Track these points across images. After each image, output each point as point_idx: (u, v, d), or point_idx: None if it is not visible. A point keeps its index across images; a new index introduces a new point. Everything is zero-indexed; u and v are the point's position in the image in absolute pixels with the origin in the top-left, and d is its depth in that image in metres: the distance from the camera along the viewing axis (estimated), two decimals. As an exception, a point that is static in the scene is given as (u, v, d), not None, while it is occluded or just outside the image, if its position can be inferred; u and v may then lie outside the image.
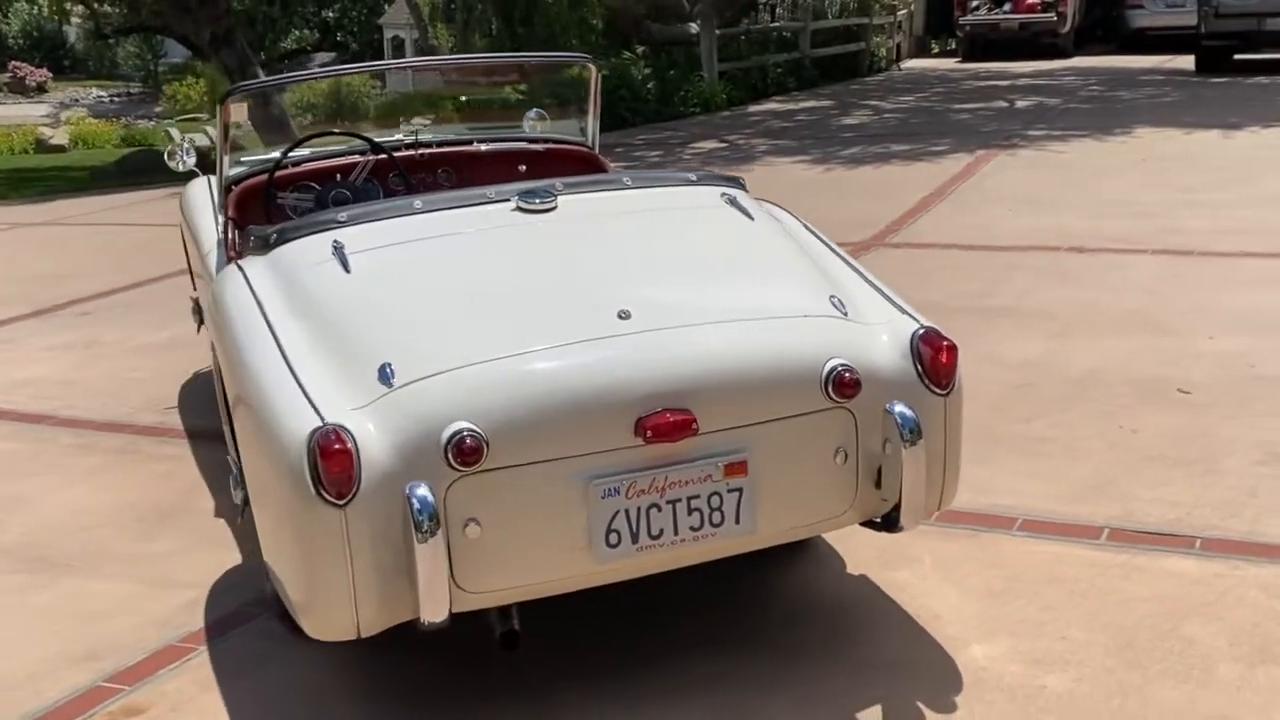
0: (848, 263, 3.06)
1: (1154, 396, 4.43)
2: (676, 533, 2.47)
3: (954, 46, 24.67)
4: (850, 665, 2.79)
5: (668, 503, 2.45)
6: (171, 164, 4.87)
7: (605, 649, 2.90)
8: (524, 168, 4.44)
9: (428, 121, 4.38)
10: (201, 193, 4.85)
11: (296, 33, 29.00)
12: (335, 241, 2.90)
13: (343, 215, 3.03)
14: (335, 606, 2.36)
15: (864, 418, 2.58)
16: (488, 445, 2.33)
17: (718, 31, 16.06)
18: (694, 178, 3.31)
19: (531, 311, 2.62)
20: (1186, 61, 18.63)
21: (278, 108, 16.51)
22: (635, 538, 2.45)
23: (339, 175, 4.21)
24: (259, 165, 4.25)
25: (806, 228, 3.26)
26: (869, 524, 2.74)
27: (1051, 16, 21.93)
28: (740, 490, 2.49)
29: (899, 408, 2.55)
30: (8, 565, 3.63)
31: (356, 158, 4.31)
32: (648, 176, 3.28)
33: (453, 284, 2.75)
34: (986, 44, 22.48)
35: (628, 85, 15.08)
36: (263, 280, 2.90)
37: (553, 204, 3.03)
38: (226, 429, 3.38)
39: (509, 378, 2.42)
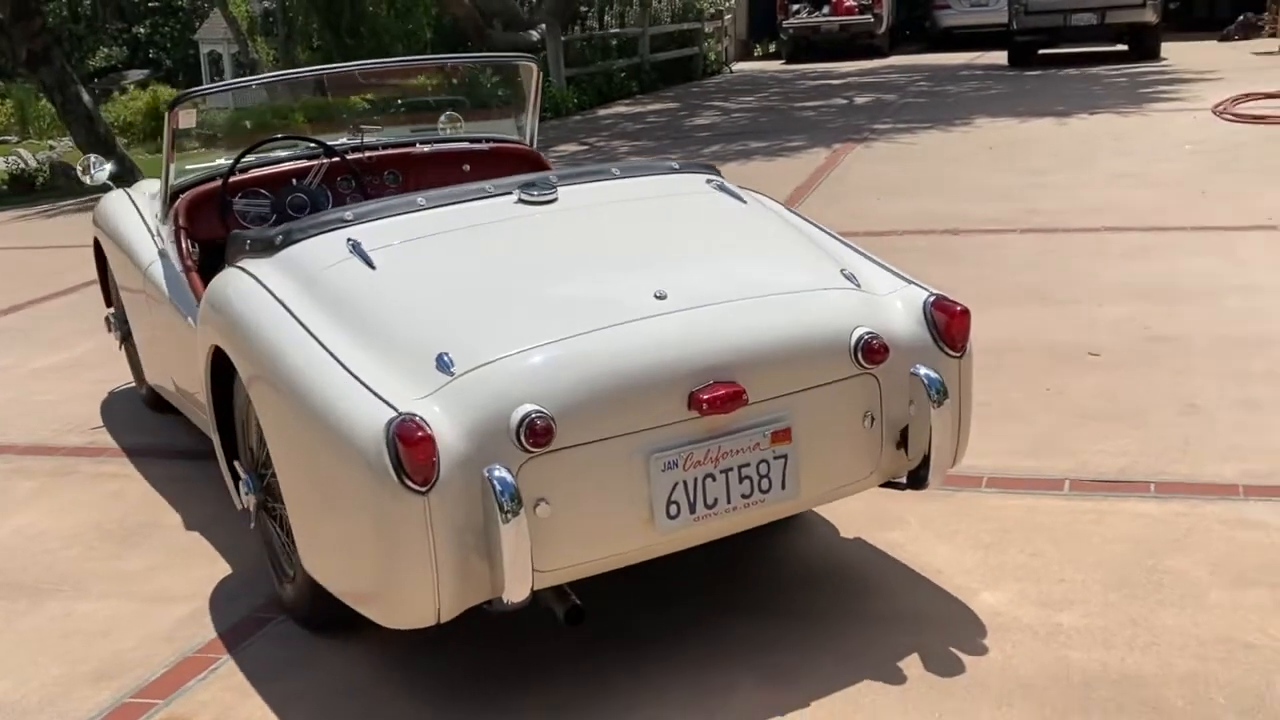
0: (838, 239, 3.22)
1: (1068, 361, 4.74)
2: (729, 501, 2.59)
3: (775, 49, 25.39)
4: (874, 620, 2.94)
5: (721, 472, 2.56)
6: (85, 179, 4.76)
7: (639, 622, 2.98)
8: (468, 167, 4.48)
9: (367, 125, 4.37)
10: (123, 206, 4.73)
11: (105, 50, 27.87)
12: (349, 239, 2.91)
13: (348, 214, 3.04)
14: (417, 593, 2.39)
15: (887, 382, 2.74)
16: (556, 425, 2.39)
17: (562, 39, 16.17)
18: (676, 165, 3.43)
19: (571, 296, 2.69)
20: (996, 57, 19.67)
21: (103, 126, 15.91)
22: (693, 508, 2.55)
23: (294, 180, 4.18)
24: (205, 173, 4.17)
25: (789, 209, 3.41)
26: (889, 484, 2.90)
27: (869, 18, 22.81)
28: (785, 457, 2.62)
29: (924, 370, 2.72)
30: (-24, 595, 3.49)
31: (303, 163, 4.28)
32: (633, 166, 3.38)
33: (483, 274, 2.80)
34: (809, 45, 23.23)
35: (471, 90, 15.02)
36: (279, 280, 2.89)
37: (553, 196, 3.10)
38: (216, 438, 3.34)
39: (568, 359, 2.49)
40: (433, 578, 2.37)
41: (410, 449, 2.31)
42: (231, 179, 4.13)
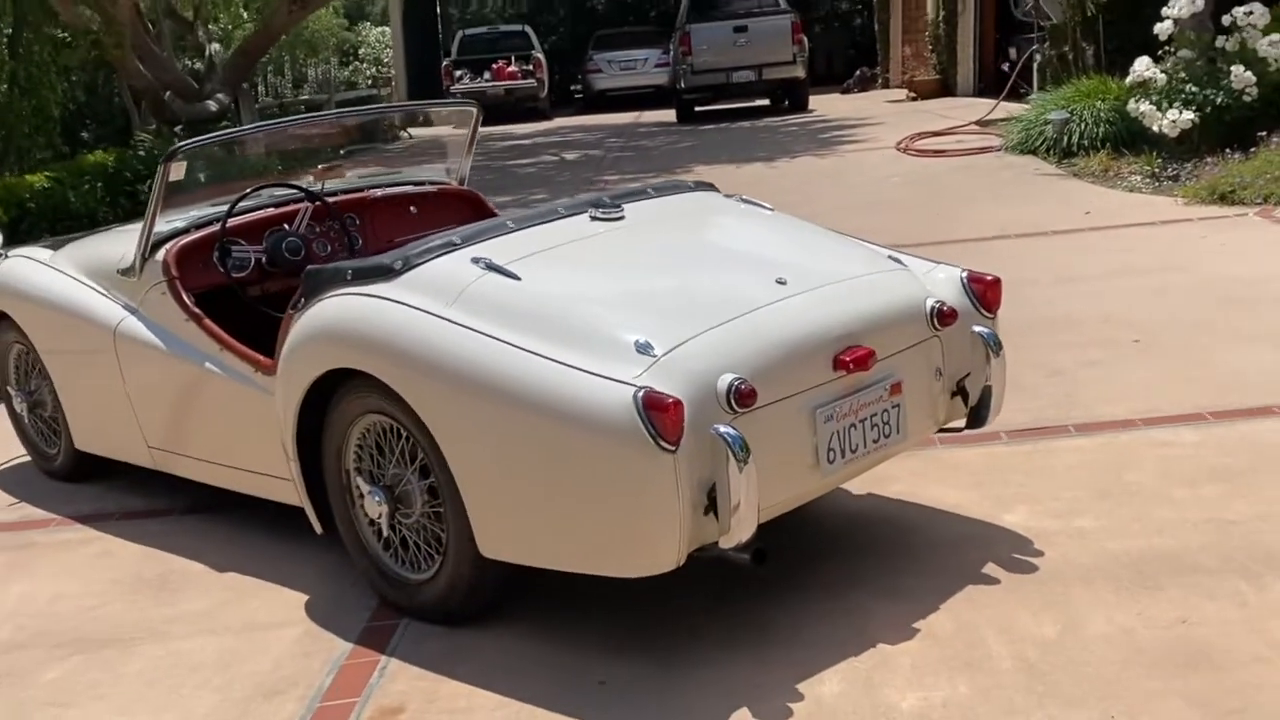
0: (852, 236, 3.81)
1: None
2: (865, 445, 3.10)
3: (438, 115, 25.91)
4: (939, 545, 3.52)
5: (860, 421, 3.08)
6: (-16, 248, 4.66)
7: (751, 577, 3.39)
8: (414, 209, 4.74)
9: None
10: (41, 270, 4.63)
11: None
12: (474, 258, 3.20)
13: (456, 238, 3.32)
14: (665, 542, 2.74)
15: (947, 342, 3.35)
16: (758, 390, 2.83)
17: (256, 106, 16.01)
18: (692, 185, 3.92)
19: (710, 287, 3.13)
20: (657, 115, 21.17)
21: None
22: (843, 453, 3.05)
23: (285, 224, 4.30)
24: (187, 223, 4.22)
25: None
26: (943, 430, 3.50)
27: (533, 82, 23.91)
28: (899, 406, 3.17)
29: (980, 329, 3.36)
30: (48, 653, 3.42)
31: (271, 210, 4.39)
32: (661, 187, 3.83)
33: (619, 276, 3.19)
34: (476, 110, 23.92)
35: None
36: (419, 299, 3.12)
37: (621, 214, 3.52)
38: (296, 466, 3.48)
39: (745, 335, 2.93)
40: (678, 527, 2.73)
41: (662, 414, 2.67)
42: (211, 228, 4.21)
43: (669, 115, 20.51)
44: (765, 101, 20.82)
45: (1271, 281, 6.16)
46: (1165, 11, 9.90)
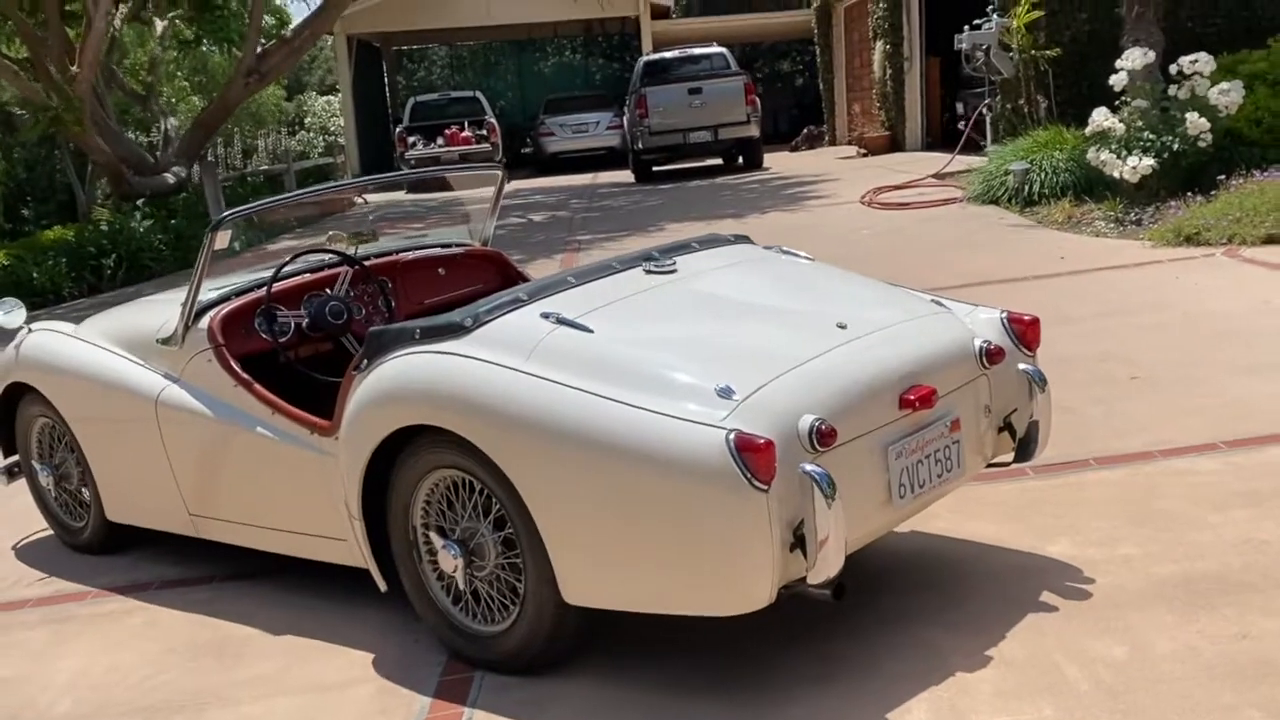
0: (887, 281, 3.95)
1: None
2: (930, 480, 3.22)
3: (392, 181, 26.05)
4: (991, 578, 3.62)
5: (925, 457, 3.19)
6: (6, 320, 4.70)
7: (819, 616, 3.49)
8: (443, 271, 4.83)
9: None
10: (71, 343, 4.64)
11: None
12: (543, 313, 3.29)
13: (522, 294, 3.41)
14: (759, 578, 2.82)
15: (994, 380, 3.48)
16: (838, 429, 2.94)
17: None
18: (732, 238, 4.05)
19: (777, 333, 3.24)
20: (612, 176, 21.50)
21: None
22: (911, 489, 3.16)
23: (327, 289, 4.37)
24: (229, 291, 4.27)
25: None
26: (991, 465, 3.62)
27: (487, 146, 24.17)
28: (958, 441, 3.29)
29: (1025, 366, 3.50)
30: (119, 722, 3.42)
31: (309, 275, 4.46)
32: (705, 240, 3.95)
33: (688, 326, 3.29)
34: (432, 176, 24.09)
35: (130, 238, 14.58)
36: (493, 354, 3.19)
37: (674, 267, 3.63)
38: (360, 526, 3.53)
39: (818, 378, 3.04)
40: (772, 564, 2.82)
41: (754, 455, 2.76)
42: (250, 294, 4.27)
43: (624, 176, 20.84)
44: (718, 161, 21.24)
45: (1252, 316, 6.40)
46: (1119, 64, 10.26)
